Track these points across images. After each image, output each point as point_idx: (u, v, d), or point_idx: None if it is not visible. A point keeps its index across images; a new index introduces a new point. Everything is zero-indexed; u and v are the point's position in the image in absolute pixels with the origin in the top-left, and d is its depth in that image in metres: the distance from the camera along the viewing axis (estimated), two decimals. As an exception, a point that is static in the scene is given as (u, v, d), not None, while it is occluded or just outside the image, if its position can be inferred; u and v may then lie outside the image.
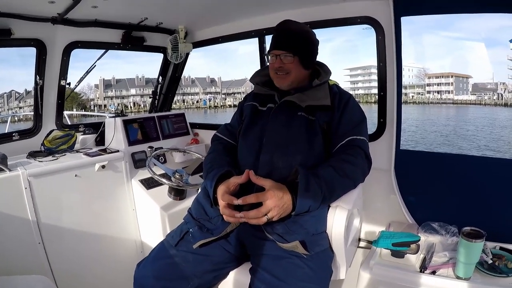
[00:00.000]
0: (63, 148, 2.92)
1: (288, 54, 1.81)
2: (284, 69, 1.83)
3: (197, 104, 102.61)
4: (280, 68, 1.83)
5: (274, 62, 1.85)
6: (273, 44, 1.86)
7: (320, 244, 1.65)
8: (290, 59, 1.82)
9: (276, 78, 1.88)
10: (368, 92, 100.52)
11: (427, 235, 2.24)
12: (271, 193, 1.49)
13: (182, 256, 1.68)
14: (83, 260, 2.72)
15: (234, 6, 2.86)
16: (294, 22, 1.89)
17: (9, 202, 2.33)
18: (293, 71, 1.84)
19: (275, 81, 1.89)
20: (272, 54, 1.85)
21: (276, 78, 1.87)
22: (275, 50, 1.84)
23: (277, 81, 1.88)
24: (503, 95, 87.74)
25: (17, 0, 2.39)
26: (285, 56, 1.82)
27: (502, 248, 2.07)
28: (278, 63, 1.83)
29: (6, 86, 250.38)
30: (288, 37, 1.84)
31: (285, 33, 1.86)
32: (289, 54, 1.81)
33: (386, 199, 2.66)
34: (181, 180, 2.72)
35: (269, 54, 1.87)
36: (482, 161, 2.61)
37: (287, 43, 1.83)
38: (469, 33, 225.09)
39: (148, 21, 3.21)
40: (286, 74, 1.84)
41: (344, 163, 1.65)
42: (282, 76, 1.85)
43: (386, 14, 2.46)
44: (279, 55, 1.82)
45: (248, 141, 1.87)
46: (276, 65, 1.84)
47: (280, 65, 1.83)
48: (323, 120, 1.79)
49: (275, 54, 1.83)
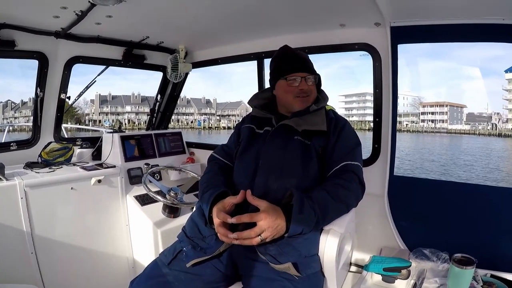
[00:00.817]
0: (60, 161, 2.95)
1: (310, 76, 1.87)
2: (308, 91, 1.87)
3: (192, 124, 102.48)
4: (306, 90, 1.87)
5: (297, 85, 1.87)
6: (293, 67, 1.89)
7: (312, 267, 1.65)
8: (312, 81, 1.88)
9: (298, 101, 1.88)
10: (363, 119, 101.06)
11: (418, 261, 2.24)
12: (265, 214, 1.50)
13: (174, 275, 1.68)
14: (75, 272, 2.71)
15: (234, 29, 2.92)
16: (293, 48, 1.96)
17: (4, 211, 2.34)
18: (313, 93, 1.91)
19: (297, 105, 1.89)
20: (294, 76, 1.87)
21: (299, 101, 1.88)
22: (299, 73, 1.87)
23: (300, 104, 1.88)
24: (497, 125, 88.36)
25: (22, 13, 2.46)
26: (309, 78, 1.87)
27: (493, 275, 2.07)
28: (304, 85, 1.86)
29: (5, 95, 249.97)
30: (305, 60, 1.91)
31: (300, 57, 1.92)
32: (311, 76, 1.87)
33: (378, 224, 2.67)
34: (175, 198, 2.73)
35: (289, 76, 1.88)
36: (475, 189, 2.64)
37: (308, 66, 1.89)
38: (464, 62, 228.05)
39: (149, 39, 3.27)
40: (307, 96, 1.88)
41: (338, 187, 1.67)
42: (306, 99, 1.88)
43: (383, 42, 2.51)
44: (304, 77, 1.86)
45: (244, 162, 1.89)
46: (303, 87, 1.86)
47: (307, 87, 1.87)
48: (319, 144, 1.81)
49: (300, 76, 1.86)
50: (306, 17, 2.53)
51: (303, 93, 1.87)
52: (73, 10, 2.37)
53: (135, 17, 2.60)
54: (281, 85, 1.92)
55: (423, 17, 2.32)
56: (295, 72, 1.87)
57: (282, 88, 1.93)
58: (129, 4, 2.22)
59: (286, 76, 1.88)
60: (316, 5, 2.30)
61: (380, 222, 2.66)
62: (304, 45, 2.82)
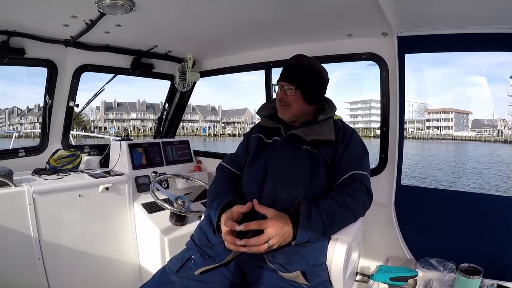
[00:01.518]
0: (68, 168, 2.97)
1: (291, 87, 1.87)
2: (286, 101, 1.89)
3: (197, 131, 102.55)
4: (282, 99, 1.89)
5: (278, 93, 1.91)
6: (281, 76, 1.92)
7: (320, 275, 1.66)
8: (292, 91, 1.87)
9: (279, 108, 1.93)
10: (368, 126, 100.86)
11: (425, 270, 2.24)
12: (272, 222, 1.51)
13: (182, 283, 1.68)
14: (81, 279, 2.72)
15: (242, 38, 2.94)
16: (306, 57, 1.96)
17: (12, 217, 2.36)
18: (294, 104, 1.89)
19: (278, 110, 1.94)
20: (279, 84, 1.91)
21: (279, 108, 1.93)
22: (281, 82, 1.91)
23: (280, 111, 1.93)
24: (503, 131, 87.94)
25: (32, 21, 2.49)
26: (289, 88, 1.88)
27: (499, 285, 2.07)
28: (281, 94, 1.90)
29: (12, 101, 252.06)
30: (295, 71, 1.91)
31: (293, 67, 1.93)
32: (292, 87, 1.87)
33: (385, 234, 2.67)
34: (183, 206, 2.73)
35: (277, 84, 1.94)
36: (482, 198, 2.64)
37: (292, 77, 1.89)
38: (469, 69, 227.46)
39: (157, 48, 3.30)
40: (287, 106, 1.90)
41: (346, 196, 1.68)
42: (284, 107, 1.91)
43: (391, 51, 2.52)
44: (283, 87, 1.89)
45: (253, 171, 1.90)
46: (279, 96, 1.91)
47: (282, 96, 1.89)
48: (327, 154, 1.81)
49: (281, 85, 1.90)
50: (313, 27, 2.55)
51: (281, 101, 1.91)
52: (83, 19, 2.40)
53: (144, 26, 2.63)
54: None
55: (430, 27, 2.33)
56: (280, 81, 1.92)
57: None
58: (138, 14, 2.25)
59: (278, 83, 1.94)
60: (323, 16, 2.32)
61: (387, 232, 2.66)
62: (312, 55, 2.77)
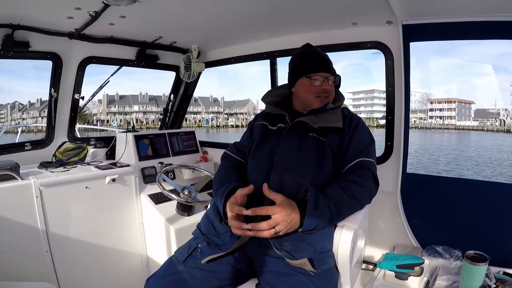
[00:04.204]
0: (74, 160, 2.98)
1: (332, 77, 1.92)
2: (329, 91, 1.91)
3: (199, 123, 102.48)
4: (328, 90, 1.91)
5: (319, 84, 1.90)
6: (317, 67, 1.92)
7: (326, 262, 1.67)
8: (333, 82, 1.92)
9: (318, 100, 1.91)
10: (370, 116, 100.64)
11: (431, 258, 2.25)
12: (280, 208, 1.52)
13: (189, 272, 1.69)
14: (89, 270, 2.74)
15: (247, 28, 2.93)
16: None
17: (20, 210, 2.37)
18: (332, 94, 1.94)
19: (316, 103, 1.91)
20: (317, 76, 1.90)
21: (319, 101, 1.91)
22: (323, 73, 1.91)
23: (319, 103, 1.91)
24: (506, 121, 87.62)
25: (36, 14, 2.49)
26: (330, 79, 1.91)
27: (505, 273, 2.06)
28: (326, 85, 1.90)
29: (16, 96, 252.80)
30: (326, 60, 1.95)
31: (322, 57, 1.96)
32: (333, 77, 1.92)
33: (391, 222, 2.68)
34: (189, 196, 2.74)
35: (313, 75, 1.91)
36: (488, 186, 2.64)
37: (331, 67, 1.94)
38: (472, 59, 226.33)
39: (162, 39, 3.30)
40: (327, 96, 1.91)
41: (353, 184, 1.68)
42: (325, 99, 1.91)
43: (395, 40, 2.51)
44: (327, 78, 1.90)
45: (258, 159, 1.90)
46: (325, 87, 1.90)
47: (329, 87, 1.91)
48: (334, 141, 1.82)
49: (324, 76, 1.90)
50: (318, 16, 2.54)
51: (324, 93, 1.90)
52: (87, 11, 2.39)
53: (148, 17, 2.62)
54: (304, 83, 1.94)
55: (434, 15, 2.32)
56: (318, 72, 1.90)
57: (304, 87, 1.95)
58: (143, 5, 2.24)
59: (310, 75, 1.91)
60: (328, 4, 2.30)
61: (393, 220, 2.66)
62: (317, 43, 2.79)
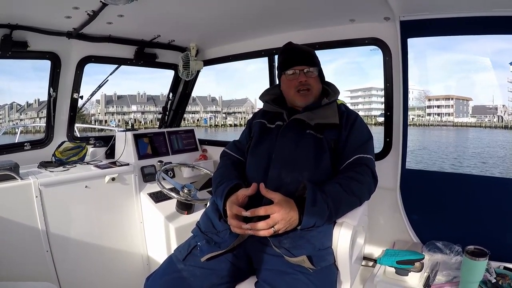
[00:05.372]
0: (74, 160, 2.97)
1: (311, 69, 1.89)
2: (307, 84, 1.89)
3: (198, 122, 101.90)
4: (305, 83, 1.88)
5: (296, 78, 1.89)
6: (293, 61, 1.92)
7: (325, 259, 1.67)
8: (313, 73, 1.89)
9: (298, 96, 1.91)
10: (368, 113, 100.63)
11: (431, 253, 2.25)
12: (278, 207, 1.52)
13: (189, 270, 1.68)
14: (90, 270, 2.74)
15: (245, 26, 2.93)
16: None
17: (19, 210, 2.37)
18: (314, 86, 1.91)
19: (298, 99, 1.92)
20: (293, 69, 1.90)
21: (299, 96, 1.91)
22: (297, 66, 1.89)
23: (301, 98, 1.91)
24: (503, 117, 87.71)
25: (34, 14, 2.48)
26: (308, 71, 1.89)
27: (506, 267, 2.07)
28: (302, 77, 1.88)
29: (14, 97, 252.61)
30: (305, 53, 1.93)
31: (299, 51, 1.94)
32: (310, 69, 1.89)
33: (391, 218, 2.68)
34: (189, 194, 2.74)
35: (287, 71, 1.92)
36: (488, 181, 2.63)
37: (308, 59, 1.91)
38: (471, 55, 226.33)
39: (160, 38, 3.30)
40: (308, 90, 1.89)
41: (351, 180, 1.68)
42: (305, 93, 1.90)
43: (393, 36, 2.51)
44: (303, 70, 1.88)
45: (257, 157, 1.91)
46: (301, 80, 1.88)
47: (305, 79, 1.88)
48: (331, 138, 1.82)
49: (299, 69, 1.89)
50: (316, 13, 2.54)
51: (302, 85, 1.89)
52: (85, 10, 2.39)
53: (146, 16, 2.62)
54: (283, 80, 1.97)
55: (432, 11, 2.32)
56: (292, 66, 1.90)
57: (284, 83, 1.97)
58: (140, 3, 2.23)
59: (286, 71, 1.92)
60: (325, 1, 2.31)
61: (393, 216, 2.67)
62: (314, 41, 2.83)
